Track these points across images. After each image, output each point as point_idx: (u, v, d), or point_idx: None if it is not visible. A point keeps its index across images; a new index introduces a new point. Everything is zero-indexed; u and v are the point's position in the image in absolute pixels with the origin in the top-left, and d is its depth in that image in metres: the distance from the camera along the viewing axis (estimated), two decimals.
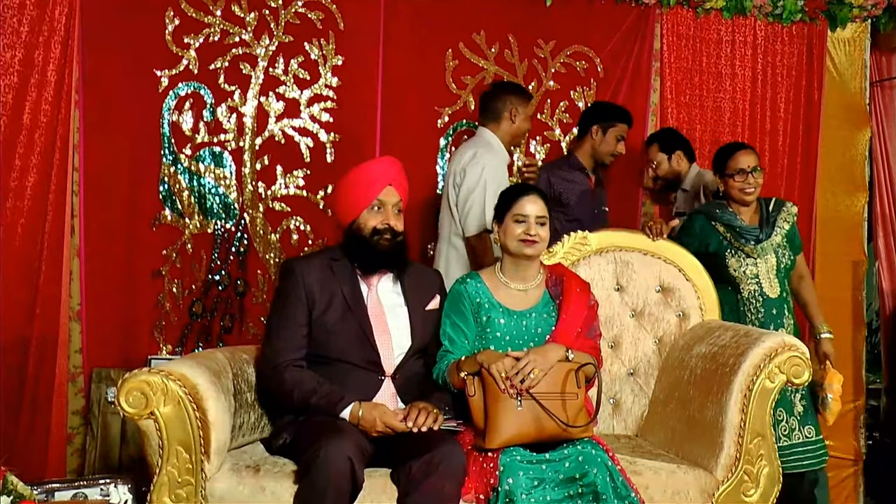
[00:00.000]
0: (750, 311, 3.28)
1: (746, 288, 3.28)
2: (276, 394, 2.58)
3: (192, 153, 3.74)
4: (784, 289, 3.33)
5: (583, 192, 3.70)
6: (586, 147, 3.73)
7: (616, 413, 3.06)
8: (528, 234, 2.64)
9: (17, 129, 3.48)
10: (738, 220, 3.29)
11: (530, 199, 2.68)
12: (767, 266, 3.28)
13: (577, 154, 3.76)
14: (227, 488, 2.35)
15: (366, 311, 2.62)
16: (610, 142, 3.70)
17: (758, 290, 3.27)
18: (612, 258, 3.14)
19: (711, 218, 3.32)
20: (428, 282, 2.77)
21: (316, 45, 3.84)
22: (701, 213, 3.40)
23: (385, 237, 2.61)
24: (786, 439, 3.20)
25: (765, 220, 3.31)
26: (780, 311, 3.30)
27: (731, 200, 3.33)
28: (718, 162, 3.37)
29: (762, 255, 3.28)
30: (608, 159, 3.74)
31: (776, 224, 3.31)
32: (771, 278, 3.28)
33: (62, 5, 3.53)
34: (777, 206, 3.36)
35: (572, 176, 3.70)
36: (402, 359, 2.62)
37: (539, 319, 2.67)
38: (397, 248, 2.64)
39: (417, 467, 2.27)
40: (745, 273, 3.27)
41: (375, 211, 2.63)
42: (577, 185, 3.69)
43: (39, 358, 3.49)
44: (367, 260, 2.64)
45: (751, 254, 3.27)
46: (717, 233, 3.31)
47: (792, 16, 4.17)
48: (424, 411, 2.41)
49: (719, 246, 3.29)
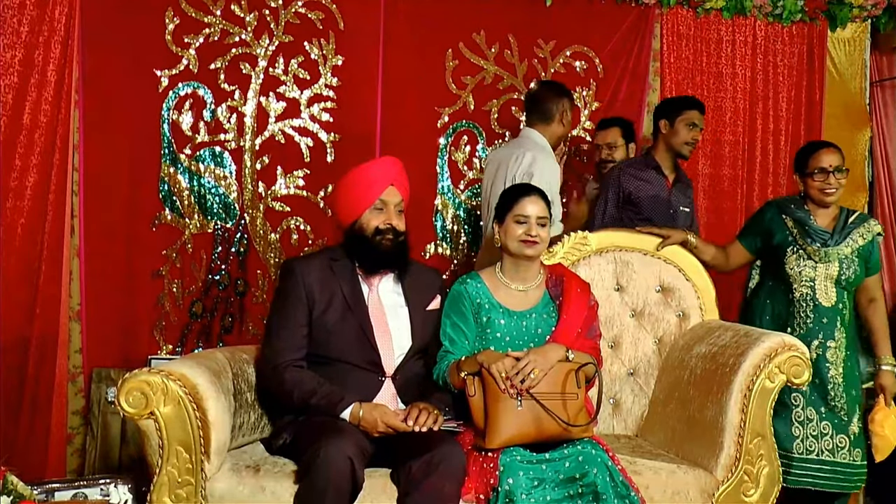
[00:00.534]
0: (799, 314, 3.13)
1: (799, 289, 3.13)
2: (277, 394, 2.57)
3: (192, 153, 3.74)
4: (842, 300, 3.13)
5: (653, 191, 3.58)
6: (661, 144, 3.60)
7: (616, 413, 3.06)
8: (529, 235, 2.64)
9: (17, 129, 3.48)
10: (811, 220, 3.14)
11: (531, 200, 2.67)
12: (827, 273, 3.10)
13: (654, 153, 3.63)
14: (227, 488, 2.35)
15: (366, 311, 2.61)
16: (680, 131, 3.54)
17: (810, 295, 3.12)
18: (612, 258, 3.14)
19: (783, 211, 3.20)
20: (428, 282, 2.77)
21: (316, 45, 3.84)
22: (774, 204, 3.29)
23: (387, 237, 2.60)
24: (829, 454, 3.04)
25: (840, 227, 3.14)
26: (833, 321, 3.11)
27: (809, 200, 3.21)
28: (799, 160, 3.25)
29: (825, 261, 3.10)
30: (685, 150, 3.57)
31: (850, 235, 3.12)
32: (827, 286, 3.11)
33: (62, 5, 3.53)
34: (859, 220, 3.18)
35: (645, 175, 3.57)
36: (402, 359, 2.61)
37: (539, 320, 2.67)
38: (399, 248, 2.64)
39: (417, 467, 2.27)
40: (800, 273, 3.12)
41: (378, 211, 2.62)
42: (649, 185, 3.56)
43: (39, 358, 3.49)
44: (370, 260, 2.63)
45: (813, 256, 3.11)
46: (785, 226, 3.18)
47: (792, 16, 4.17)
48: (425, 411, 2.40)
49: (783, 240, 3.17)
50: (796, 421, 3.06)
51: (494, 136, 4.02)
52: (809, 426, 3.06)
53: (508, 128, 4.03)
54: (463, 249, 4.02)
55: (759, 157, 4.21)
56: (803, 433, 3.05)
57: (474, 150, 4.02)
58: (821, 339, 3.09)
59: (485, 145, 4.01)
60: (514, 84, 4.04)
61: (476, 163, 4.01)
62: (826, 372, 3.07)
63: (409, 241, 2.69)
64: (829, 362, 3.08)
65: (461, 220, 4.01)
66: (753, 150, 4.21)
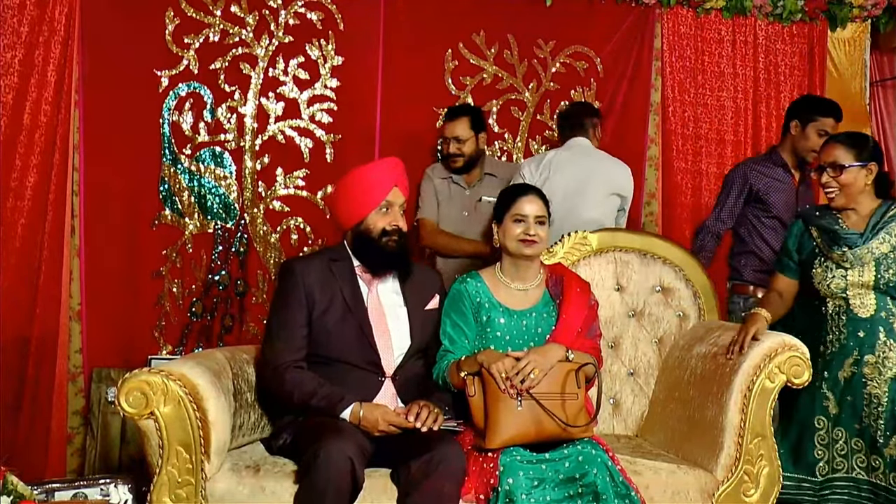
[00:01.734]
0: (832, 329, 2.82)
1: (833, 302, 2.81)
2: (277, 395, 2.57)
3: (192, 153, 3.74)
4: (885, 307, 2.75)
5: (783, 189, 3.49)
6: (787, 143, 3.52)
7: (616, 413, 3.05)
8: (528, 235, 2.64)
9: (17, 129, 3.48)
10: (840, 224, 2.81)
11: (529, 199, 2.67)
12: (862, 279, 2.74)
13: (780, 150, 3.55)
14: (227, 488, 2.34)
15: (366, 311, 2.61)
16: (810, 137, 3.40)
17: (843, 307, 2.79)
18: (612, 258, 3.14)
19: (808, 222, 2.90)
20: (427, 282, 2.77)
21: (316, 46, 3.84)
22: (799, 216, 2.99)
23: (393, 238, 2.61)
24: (862, 473, 2.75)
25: (872, 225, 2.76)
26: (874, 333, 2.74)
27: None
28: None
29: (856, 266, 2.75)
30: (809, 156, 3.41)
31: (884, 230, 2.75)
32: (863, 294, 2.75)
33: (62, 5, 3.53)
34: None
35: (772, 172, 3.50)
36: (401, 359, 2.62)
37: (539, 319, 2.67)
38: (403, 248, 2.65)
39: (417, 467, 2.27)
40: (829, 287, 2.79)
41: (384, 212, 2.62)
42: (777, 182, 3.49)
43: (39, 358, 3.49)
44: (377, 261, 2.63)
45: (841, 263, 2.76)
46: (811, 238, 2.88)
47: (792, 16, 4.17)
48: (426, 409, 2.41)
49: (810, 254, 2.87)
50: (820, 444, 2.80)
51: (494, 137, 4.02)
52: (836, 446, 2.78)
53: (508, 128, 4.03)
54: None
55: None
56: (828, 455, 2.79)
57: None
58: (856, 355, 2.75)
59: None
60: (513, 84, 4.04)
61: None
62: (861, 388, 2.74)
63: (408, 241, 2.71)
64: (868, 379, 2.74)
65: None
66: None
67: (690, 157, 4.17)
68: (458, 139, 3.59)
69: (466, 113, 3.65)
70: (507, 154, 4.05)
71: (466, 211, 3.63)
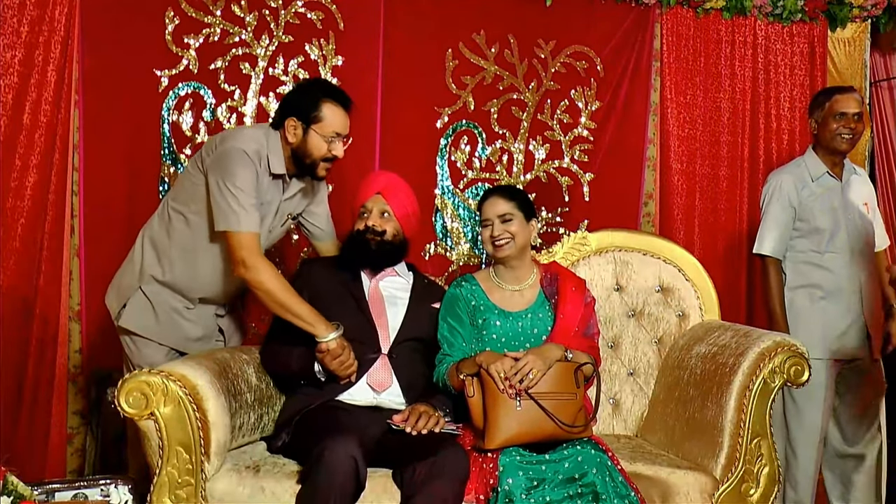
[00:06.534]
0: None
1: None
2: (273, 376, 2.79)
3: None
4: None
5: None
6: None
7: (616, 413, 3.06)
8: (493, 237, 2.67)
9: (17, 129, 3.47)
10: None
11: (490, 202, 2.72)
12: None
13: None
14: (227, 488, 2.35)
15: (363, 294, 2.77)
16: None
17: None
18: (611, 258, 3.14)
19: None
20: (436, 293, 2.88)
21: (316, 46, 3.84)
22: None
23: (367, 236, 2.77)
24: None
25: None
26: None
27: None
28: None
29: None
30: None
31: None
32: None
33: (62, 5, 3.52)
34: None
35: None
36: (396, 335, 2.70)
37: (535, 320, 2.67)
38: (384, 246, 2.77)
39: (422, 470, 2.27)
40: None
41: (363, 216, 2.83)
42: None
43: (39, 358, 3.49)
44: (354, 258, 2.82)
45: None
46: None
47: (792, 16, 4.17)
48: (426, 414, 2.42)
49: None
50: None
51: (494, 137, 4.02)
52: None
53: (508, 128, 4.03)
54: (463, 249, 4.02)
55: (762, 156, 4.20)
56: None
57: (474, 151, 4.01)
58: None
59: (484, 145, 4.00)
60: (514, 84, 4.03)
61: (476, 163, 4.00)
62: None
63: (407, 244, 2.85)
64: None
65: (461, 219, 4.01)
66: (754, 150, 4.20)
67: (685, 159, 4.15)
68: None
69: None
70: (507, 154, 4.04)
71: None
